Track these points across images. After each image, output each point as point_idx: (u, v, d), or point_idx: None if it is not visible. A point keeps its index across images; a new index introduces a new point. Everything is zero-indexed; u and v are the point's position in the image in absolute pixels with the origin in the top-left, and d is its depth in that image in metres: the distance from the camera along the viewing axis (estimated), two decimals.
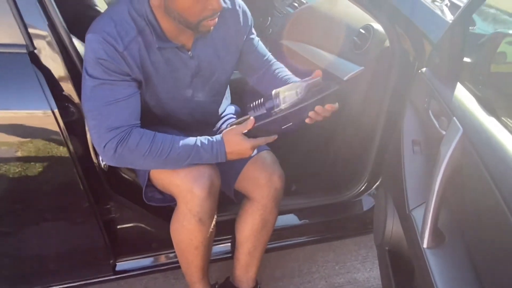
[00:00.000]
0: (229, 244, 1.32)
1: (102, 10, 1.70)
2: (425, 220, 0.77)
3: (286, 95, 0.97)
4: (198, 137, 1.01)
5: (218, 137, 1.01)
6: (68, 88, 0.97)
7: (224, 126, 1.27)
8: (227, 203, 1.25)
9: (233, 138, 1.00)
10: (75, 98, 0.99)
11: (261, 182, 1.13)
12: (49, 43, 0.94)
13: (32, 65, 0.91)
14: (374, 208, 1.33)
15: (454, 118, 0.80)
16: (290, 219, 1.43)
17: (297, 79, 1.12)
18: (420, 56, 1.13)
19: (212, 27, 0.97)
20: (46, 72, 0.94)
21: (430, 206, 0.76)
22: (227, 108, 1.32)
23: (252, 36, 1.16)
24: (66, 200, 1.10)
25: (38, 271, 1.23)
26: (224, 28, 1.06)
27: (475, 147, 0.70)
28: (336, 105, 0.97)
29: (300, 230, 1.46)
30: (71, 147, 0.99)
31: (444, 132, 0.83)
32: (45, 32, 0.94)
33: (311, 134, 1.57)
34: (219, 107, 1.24)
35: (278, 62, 1.23)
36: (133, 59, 0.95)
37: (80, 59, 1.03)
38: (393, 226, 1.05)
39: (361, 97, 1.33)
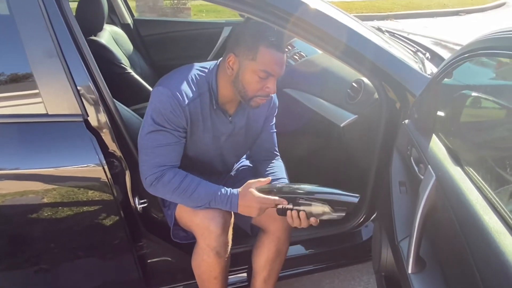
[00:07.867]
0: (245, 273, 1.48)
1: (126, 67, 1.95)
2: (409, 249, 0.94)
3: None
4: (220, 187, 1.18)
5: (235, 191, 1.18)
6: (112, 146, 1.17)
7: (239, 173, 1.46)
8: (242, 237, 1.41)
9: (246, 193, 1.16)
10: (118, 154, 1.18)
11: (276, 217, 1.28)
12: (97, 110, 1.13)
13: (87, 130, 1.11)
14: (372, 238, 1.50)
15: (429, 166, 0.99)
16: (298, 249, 1.58)
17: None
18: (405, 107, 1.32)
19: (259, 105, 1.19)
20: (97, 135, 1.13)
21: (413, 238, 0.94)
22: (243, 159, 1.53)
23: (272, 123, 1.39)
24: (109, 237, 1.27)
25: None
26: (259, 108, 1.27)
27: (445, 192, 0.89)
28: (318, 221, 1.14)
29: (307, 259, 1.60)
30: (115, 193, 1.18)
31: (422, 177, 1.02)
32: (95, 100, 1.12)
33: (315, 171, 1.75)
34: (237, 161, 1.46)
35: (280, 161, 1.42)
36: (190, 115, 1.16)
37: (120, 116, 1.22)
38: (387, 255, 1.22)
39: (356, 141, 1.53)
